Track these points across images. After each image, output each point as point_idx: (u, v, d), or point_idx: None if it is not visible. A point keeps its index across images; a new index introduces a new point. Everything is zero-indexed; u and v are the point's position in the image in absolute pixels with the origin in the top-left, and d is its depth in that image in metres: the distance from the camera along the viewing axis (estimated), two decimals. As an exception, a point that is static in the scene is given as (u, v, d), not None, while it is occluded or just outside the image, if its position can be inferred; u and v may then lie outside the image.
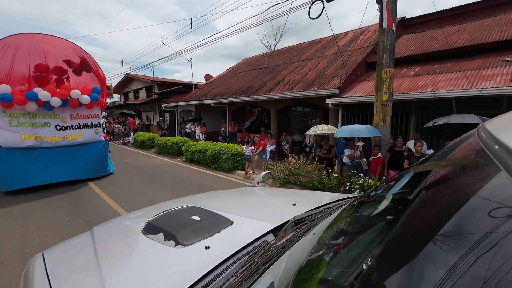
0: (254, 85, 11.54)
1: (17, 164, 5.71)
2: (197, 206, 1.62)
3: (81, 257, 1.27)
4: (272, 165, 6.62)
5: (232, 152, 7.64)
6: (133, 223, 1.63)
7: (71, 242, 1.45)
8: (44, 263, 1.19)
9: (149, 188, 5.87)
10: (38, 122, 5.99)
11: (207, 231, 1.26)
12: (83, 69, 6.62)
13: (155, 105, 19.92)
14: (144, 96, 21.91)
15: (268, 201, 1.93)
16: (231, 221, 1.33)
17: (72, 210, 4.37)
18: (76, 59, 6.47)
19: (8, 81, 5.59)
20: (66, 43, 6.65)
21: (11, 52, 5.72)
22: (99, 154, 6.95)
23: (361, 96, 6.99)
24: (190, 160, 9.13)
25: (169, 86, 18.29)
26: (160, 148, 11.25)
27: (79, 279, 1.09)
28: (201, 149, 8.54)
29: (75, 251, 1.35)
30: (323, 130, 6.13)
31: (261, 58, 15.91)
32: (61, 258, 1.29)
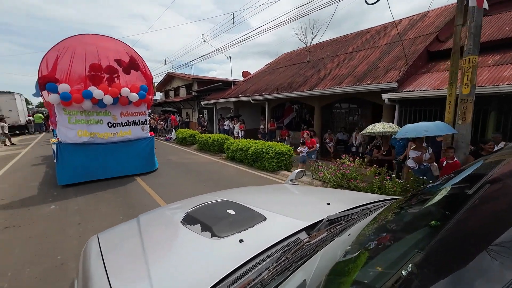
0: (296, 80, 11.00)
1: (74, 159, 5.99)
2: (232, 200, 1.66)
3: (129, 241, 1.40)
4: (321, 166, 6.10)
5: (276, 151, 7.26)
6: (173, 213, 1.72)
7: (120, 227, 1.63)
8: (99, 244, 1.36)
9: (196, 188, 5.76)
10: (92, 119, 6.27)
11: (241, 225, 1.29)
12: (132, 67, 6.77)
13: (195, 102, 20.37)
14: (184, 93, 22.57)
15: (302, 199, 1.91)
16: (264, 217, 1.35)
17: (124, 210, 4.38)
18: (125, 58, 6.64)
19: (67, 80, 5.88)
20: (117, 42, 6.79)
21: (70, 53, 5.97)
22: (146, 150, 7.08)
23: (427, 90, 6.09)
24: (231, 158, 8.98)
25: (208, 84, 18.53)
26: (201, 145, 11.33)
27: (128, 259, 1.22)
28: (243, 147, 8.31)
29: (124, 235, 1.50)
30: (385, 128, 5.38)
31: (302, 52, 15.23)
32: (112, 240, 1.44)
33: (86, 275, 1.16)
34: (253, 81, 15.02)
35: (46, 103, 6.74)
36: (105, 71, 6.36)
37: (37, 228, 3.72)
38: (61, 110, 5.95)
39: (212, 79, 21.37)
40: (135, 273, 1.10)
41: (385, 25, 12.15)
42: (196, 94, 19.50)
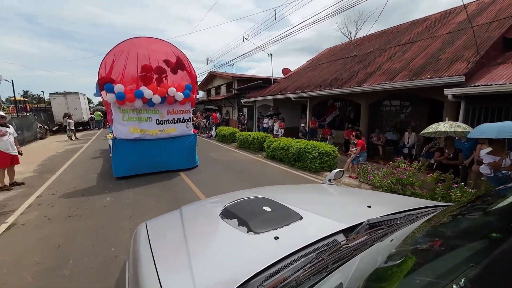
0: (341, 76, 10.37)
1: (127, 153, 6.42)
2: (268, 198, 1.67)
3: (173, 230, 1.50)
4: (371, 169, 5.60)
5: (320, 151, 6.90)
6: (212, 206, 1.75)
7: (165, 217, 1.76)
8: (147, 230, 1.50)
9: (237, 186, 5.75)
10: (143, 117, 6.63)
11: (277, 222, 1.30)
12: (178, 67, 7.02)
13: (235, 100, 20.68)
14: (225, 92, 23.07)
15: (340, 200, 1.86)
16: (301, 216, 1.35)
17: (170, 205, 4.51)
18: (173, 59, 6.91)
19: (122, 81, 6.32)
20: (165, 44, 7.04)
21: (125, 56, 6.38)
22: (189, 147, 7.34)
23: (505, 84, 5.16)
24: (271, 157, 8.83)
25: (248, 82, 18.63)
26: (241, 142, 11.39)
27: (171, 246, 1.31)
28: (284, 146, 8.10)
29: (168, 224, 1.62)
30: (452, 127, 4.63)
31: (347, 46, 14.37)
32: (158, 228, 1.57)
33: (136, 257, 1.27)
34: (294, 78, 14.63)
35: (104, 102, 7.34)
36: (154, 72, 6.69)
37: (95, 218, 4.02)
38: (116, 108, 6.42)
39: (252, 77, 21.47)
40: (177, 259, 1.17)
41: (446, 11, 10.79)
42: (236, 92, 19.77)
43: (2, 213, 4.31)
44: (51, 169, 7.62)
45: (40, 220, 3.98)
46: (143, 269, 1.14)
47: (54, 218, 4.05)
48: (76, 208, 4.47)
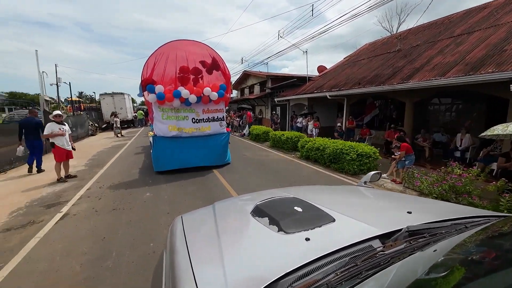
0: (382, 72, 9.68)
1: (166, 150, 6.80)
2: (300, 198, 1.65)
3: (206, 224, 1.53)
4: (419, 174, 5.10)
5: (359, 152, 6.49)
6: (244, 204, 1.77)
7: (200, 211, 1.82)
8: (182, 223, 1.55)
9: (271, 186, 5.65)
10: (180, 115, 6.95)
11: (308, 223, 1.28)
12: (214, 68, 7.23)
13: (268, 99, 20.60)
14: (258, 91, 23.11)
15: (376, 204, 1.76)
16: (333, 218, 1.32)
17: (205, 203, 4.58)
18: (208, 60, 7.12)
19: (162, 82, 6.68)
20: (202, 46, 7.27)
21: (165, 58, 6.75)
22: (222, 144, 7.57)
23: None
24: (305, 157, 8.57)
25: (281, 80, 18.41)
26: (274, 142, 11.28)
27: (204, 240, 1.36)
28: (319, 146, 7.79)
29: (202, 219, 1.66)
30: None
31: (389, 41, 13.41)
32: (193, 221, 1.62)
33: (172, 248, 1.33)
34: (330, 76, 14.07)
35: (146, 102, 7.78)
36: (191, 72, 6.95)
37: (136, 213, 4.23)
38: (156, 107, 6.83)
39: (285, 75, 21.19)
40: (209, 252, 1.20)
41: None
42: (270, 91, 19.67)
43: (58, 203, 4.76)
44: (100, 163, 8.28)
45: (89, 212, 4.31)
46: (178, 259, 1.19)
47: (100, 210, 4.35)
48: (119, 201, 4.76)
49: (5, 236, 3.52)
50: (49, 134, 5.97)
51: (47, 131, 5.99)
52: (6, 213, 4.36)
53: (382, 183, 5.81)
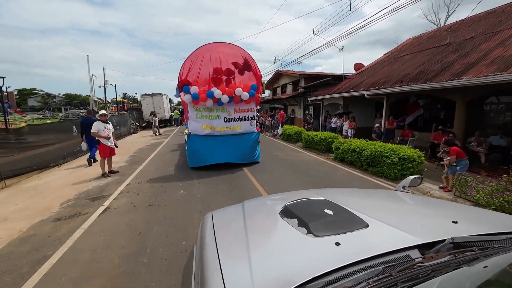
0: (429, 68, 8.84)
1: (199, 147, 7.18)
2: (331, 200, 1.59)
3: (235, 222, 1.55)
4: (474, 182, 4.52)
5: (401, 156, 5.98)
6: (273, 204, 1.77)
7: (229, 209, 1.83)
8: (212, 220, 1.56)
9: (303, 188, 5.44)
10: (213, 115, 7.27)
11: (339, 227, 1.22)
12: (245, 69, 7.43)
13: (300, 99, 20.21)
14: (291, 90, 22.79)
15: (416, 211, 1.63)
16: (367, 224, 1.24)
17: (236, 202, 4.54)
18: (240, 61, 7.34)
19: (197, 83, 7.04)
20: (234, 48, 7.52)
21: (199, 61, 7.08)
22: (252, 143, 7.75)
23: None
24: (340, 159, 8.18)
25: (315, 79, 17.91)
26: (306, 142, 10.97)
27: (232, 237, 1.38)
28: (356, 148, 7.36)
29: (231, 216, 1.67)
30: None
31: (437, 34, 12.25)
32: (222, 218, 1.63)
33: (202, 243, 1.35)
34: (368, 74, 13.29)
35: (182, 102, 8.16)
36: (224, 73, 7.21)
37: (170, 210, 4.35)
38: (191, 107, 7.18)
39: (319, 74, 20.58)
40: (237, 250, 1.21)
41: None
42: (303, 90, 19.27)
43: (101, 197, 5.11)
44: (139, 160, 8.78)
45: (128, 207, 4.54)
46: (207, 253, 1.21)
47: (138, 206, 4.56)
48: (155, 198, 4.95)
49: (56, 226, 3.85)
50: (95, 133, 6.47)
51: (94, 129, 6.50)
52: (58, 204, 4.79)
53: (428, 190, 5.28)
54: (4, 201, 5.06)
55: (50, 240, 3.39)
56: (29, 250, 3.17)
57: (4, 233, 3.65)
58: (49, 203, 4.88)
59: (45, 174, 7.23)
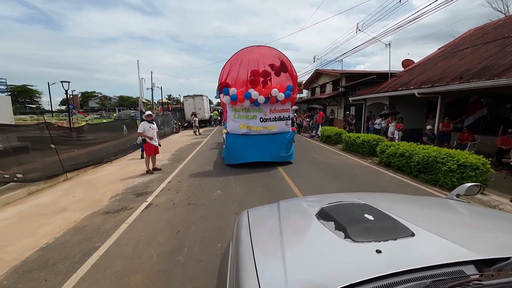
0: (497, 63, 7.68)
1: (236, 145, 7.57)
2: (372, 205, 1.48)
3: (270, 221, 1.56)
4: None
5: (461, 162, 5.26)
6: (309, 205, 1.72)
7: (264, 208, 1.83)
8: (248, 217, 1.58)
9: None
10: (250, 115, 7.62)
11: (381, 234, 1.14)
12: (281, 70, 7.70)
13: (341, 98, 19.33)
14: (331, 90, 21.95)
15: (473, 222, 1.42)
16: (412, 232, 1.14)
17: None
18: (277, 63, 7.62)
19: (235, 85, 7.47)
20: (271, 50, 7.86)
21: (238, 63, 7.54)
22: (287, 142, 7.90)
23: None
24: (386, 164, 7.54)
25: (357, 78, 16.93)
26: (347, 145, 10.38)
27: (267, 236, 1.38)
28: (404, 152, 6.69)
29: (266, 215, 1.68)
30: None
31: (506, 23, 10.64)
32: (258, 216, 1.63)
33: (238, 240, 1.36)
34: (419, 70, 12.10)
35: (221, 103, 8.56)
36: (261, 75, 7.56)
37: (207, 209, 4.40)
38: (230, 107, 7.58)
39: (362, 72, 19.45)
40: (272, 250, 1.20)
41: None
42: (344, 90, 18.39)
43: (145, 193, 5.40)
44: (180, 158, 9.18)
45: (168, 204, 4.72)
46: (242, 250, 1.22)
47: (177, 204, 4.71)
48: (194, 196, 5.07)
49: (105, 218, 4.15)
50: (141, 132, 6.91)
51: (140, 129, 6.97)
52: (108, 198, 5.19)
53: (497, 203, 4.53)
54: (66, 192, 5.66)
55: (99, 232, 3.65)
56: (81, 240, 3.44)
57: (62, 222, 4.04)
58: (100, 196, 5.32)
59: (99, 169, 7.95)
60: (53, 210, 4.63)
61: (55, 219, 4.18)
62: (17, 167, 5.55)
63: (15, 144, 5.99)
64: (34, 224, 4.04)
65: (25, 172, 5.66)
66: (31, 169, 5.92)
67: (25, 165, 5.81)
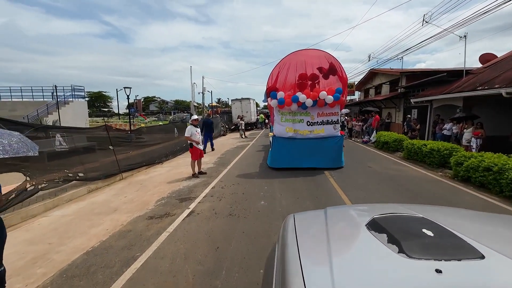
0: None
1: (282, 149, 7.53)
2: (432, 219, 1.37)
3: (316, 227, 1.54)
4: None
5: None
6: (359, 214, 1.67)
7: (311, 213, 1.92)
8: (294, 222, 1.58)
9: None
10: (296, 118, 7.56)
11: (441, 252, 1.06)
12: (330, 73, 7.54)
13: (400, 100, 17.36)
14: (387, 91, 19.94)
15: None
16: (481, 254, 1.03)
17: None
18: (325, 65, 7.49)
19: (283, 89, 7.52)
20: (319, 52, 7.70)
21: (286, 67, 7.58)
22: (335, 147, 7.61)
23: None
24: (463, 179, 6.23)
25: (421, 77, 14.92)
26: (410, 153, 9.05)
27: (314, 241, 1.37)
28: (491, 165, 5.40)
29: (313, 221, 1.67)
30: None
31: None
32: (304, 221, 1.64)
33: (284, 242, 1.37)
34: (505, 66, 10.00)
35: (269, 106, 8.50)
36: (309, 78, 7.50)
37: (249, 223, 4.03)
38: (277, 111, 7.61)
39: (427, 71, 17.17)
40: (318, 255, 1.18)
41: None
42: (404, 90, 16.47)
43: (188, 198, 5.34)
44: (225, 162, 9.13)
45: (209, 213, 4.51)
46: (288, 253, 1.20)
47: (219, 213, 4.47)
48: (236, 206, 4.79)
49: (148, 224, 4.12)
50: (188, 136, 7.01)
51: (187, 133, 7.07)
52: (154, 200, 5.25)
53: None
54: (119, 192, 5.95)
55: (141, 240, 3.58)
56: (123, 247, 3.40)
57: (110, 224, 4.14)
58: (148, 197, 5.43)
59: (151, 170, 8.34)
60: (106, 209, 4.83)
61: (105, 220, 4.32)
62: (80, 166, 6.03)
63: (80, 145, 6.57)
64: (87, 223, 4.22)
65: (86, 171, 6.13)
66: (92, 168, 6.39)
67: (87, 164, 6.30)
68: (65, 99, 21.89)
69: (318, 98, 7.20)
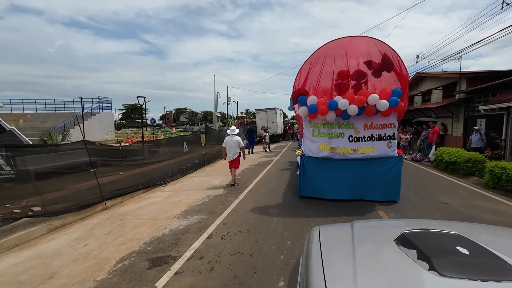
0: None
1: (314, 173, 5.73)
2: (467, 237, 1.26)
3: (342, 240, 1.46)
4: None
5: None
6: (387, 228, 1.62)
7: (337, 226, 1.83)
8: (319, 234, 1.52)
9: None
10: (334, 132, 5.61)
11: (478, 272, 0.96)
12: (384, 68, 5.36)
13: (459, 108, 14.28)
14: (440, 97, 16.85)
15: None
16: None
17: None
18: (377, 59, 5.35)
19: (315, 92, 5.55)
20: (368, 40, 5.51)
21: (320, 64, 5.51)
22: (391, 173, 5.48)
23: None
24: None
25: (487, 80, 11.89)
26: (497, 180, 6.35)
27: (338, 255, 1.31)
28: None
29: (339, 234, 1.59)
30: None
31: None
32: (329, 234, 1.58)
33: (308, 255, 1.31)
34: None
35: (296, 116, 6.54)
36: (352, 78, 5.52)
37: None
38: (307, 122, 5.79)
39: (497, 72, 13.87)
40: (343, 270, 1.13)
41: None
42: (464, 96, 13.45)
43: (165, 260, 3.39)
44: (238, 188, 7.15)
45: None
46: (312, 267, 1.17)
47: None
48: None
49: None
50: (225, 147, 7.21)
51: (225, 143, 7.20)
52: (116, 260, 3.46)
53: None
54: (83, 235, 4.31)
55: None
56: None
57: None
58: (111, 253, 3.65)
59: (147, 194, 6.90)
60: (41, 273, 3.15)
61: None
62: (37, 197, 4.51)
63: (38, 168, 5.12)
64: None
65: (46, 204, 4.59)
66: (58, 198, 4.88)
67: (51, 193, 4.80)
68: (92, 110, 22.01)
69: (366, 104, 5.12)
